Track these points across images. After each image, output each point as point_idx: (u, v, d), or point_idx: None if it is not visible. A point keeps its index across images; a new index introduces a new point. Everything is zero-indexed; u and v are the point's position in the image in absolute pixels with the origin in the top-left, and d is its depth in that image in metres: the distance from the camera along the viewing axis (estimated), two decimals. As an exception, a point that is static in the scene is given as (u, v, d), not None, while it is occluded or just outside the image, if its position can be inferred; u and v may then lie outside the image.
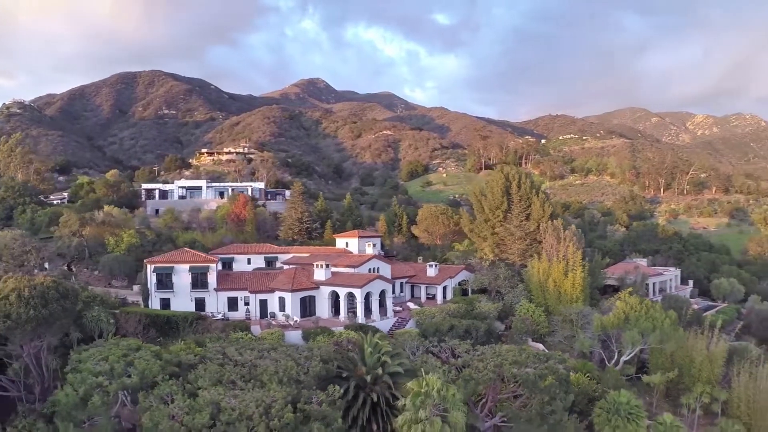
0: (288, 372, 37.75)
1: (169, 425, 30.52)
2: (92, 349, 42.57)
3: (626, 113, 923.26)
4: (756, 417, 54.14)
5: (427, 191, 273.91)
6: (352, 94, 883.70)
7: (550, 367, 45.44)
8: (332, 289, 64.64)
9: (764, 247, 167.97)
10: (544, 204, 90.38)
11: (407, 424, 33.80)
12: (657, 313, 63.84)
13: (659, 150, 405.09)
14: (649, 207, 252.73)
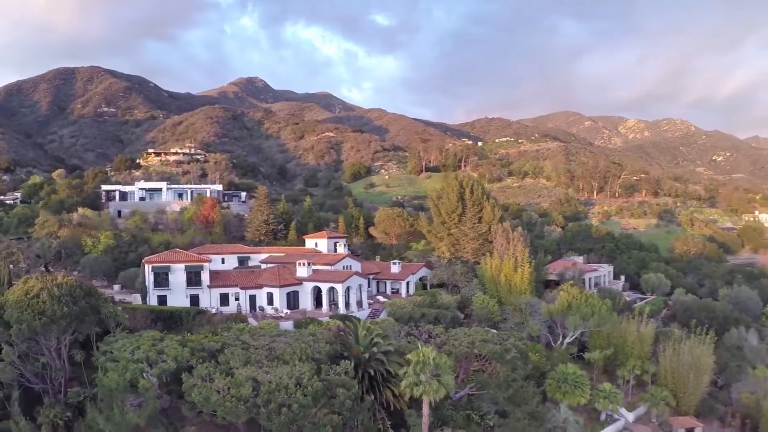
0: (304, 351, 45.70)
1: (221, 397, 37.92)
2: (122, 341, 48.66)
3: (561, 117, 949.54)
4: (679, 385, 65.74)
5: (371, 193, 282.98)
6: (291, 93, 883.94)
7: (511, 344, 55.14)
8: (315, 284, 72.62)
9: (689, 246, 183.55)
10: (494, 208, 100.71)
11: (410, 386, 42.46)
12: (595, 301, 74.49)
13: (593, 154, 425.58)
14: (583, 209, 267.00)
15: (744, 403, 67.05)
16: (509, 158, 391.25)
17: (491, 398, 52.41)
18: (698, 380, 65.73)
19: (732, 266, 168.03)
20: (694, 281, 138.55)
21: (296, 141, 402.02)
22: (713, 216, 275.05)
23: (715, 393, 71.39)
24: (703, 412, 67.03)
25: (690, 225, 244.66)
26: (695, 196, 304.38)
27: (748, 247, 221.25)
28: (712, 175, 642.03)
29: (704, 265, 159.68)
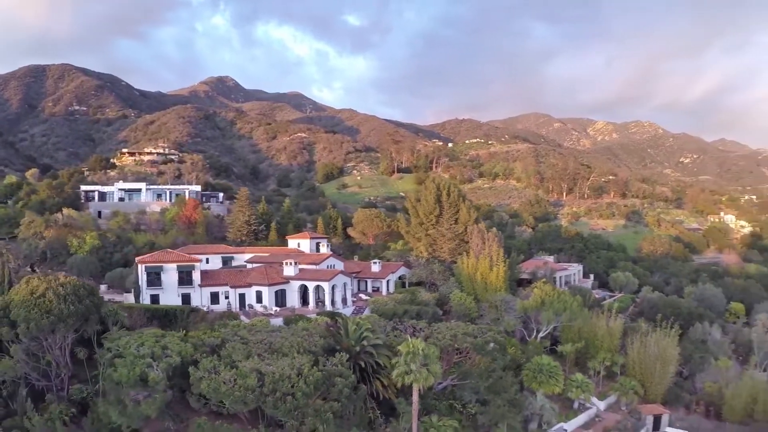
0: (301, 344, 48.80)
1: (229, 388, 40.82)
2: (126, 338, 51.05)
3: (530, 118, 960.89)
4: (646, 374, 70.38)
5: (343, 193, 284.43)
6: (261, 93, 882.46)
7: (491, 337, 58.95)
8: (302, 282, 75.67)
9: (656, 246, 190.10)
10: (470, 210, 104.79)
11: (401, 375, 45.82)
12: (567, 297, 78.95)
13: (562, 156, 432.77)
14: (552, 210, 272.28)
15: (707, 391, 72.21)
16: (480, 159, 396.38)
17: (472, 388, 56.03)
18: (664, 370, 70.46)
19: (697, 265, 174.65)
20: (660, 279, 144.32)
21: (269, 141, 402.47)
22: (679, 217, 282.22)
23: (680, 382, 76.52)
24: (669, 400, 71.91)
25: (657, 226, 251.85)
26: (662, 198, 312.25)
27: (713, 247, 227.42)
28: (679, 176, 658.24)
29: (670, 264, 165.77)
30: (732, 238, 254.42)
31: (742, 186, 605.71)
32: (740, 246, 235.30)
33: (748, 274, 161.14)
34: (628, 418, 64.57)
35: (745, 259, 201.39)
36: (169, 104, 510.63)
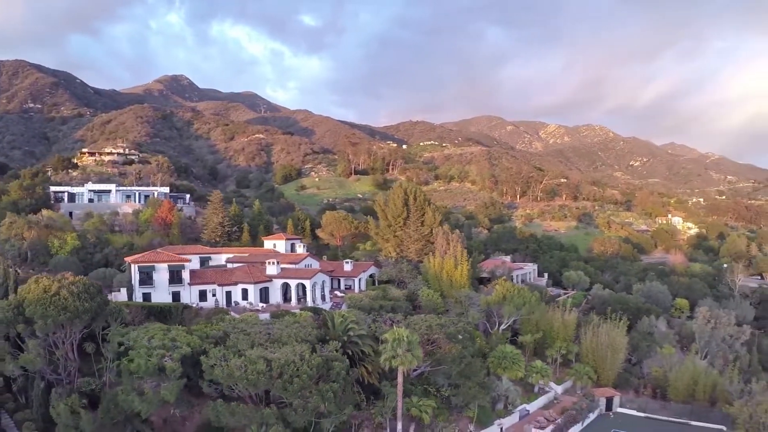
0: (298, 335, 54.65)
1: (242, 372, 46.34)
2: (135, 331, 55.68)
3: (483, 121, 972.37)
4: (598, 361, 78.84)
5: (302, 195, 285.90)
6: (215, 92, 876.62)
7: (461, 327, 65.89)
8: (284, 280, 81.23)
9: (606, 247, 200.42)
10: (435, 213, 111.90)
11: (389, 359, 52.22)
12: (526, 293, 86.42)
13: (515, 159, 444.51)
14: (507, 212, 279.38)
15: (654, 375, 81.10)
16: (435, 162, 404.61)
17: (445, 374, 62.85)
18: (614, 358, 78.89)
19: (645, 265, 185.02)
20: (610, 278, 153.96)
21: (226, 142, 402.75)
22: (629, 219, 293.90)
23: (629, 368, 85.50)
24: (619, 384, 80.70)
25: (607, 227, 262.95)
26: (612, 200, 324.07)
27: (661, 248, 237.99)
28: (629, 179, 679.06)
29: (620, 264, 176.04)
30: (679, 239, 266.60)
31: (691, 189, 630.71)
32: (686, 246, 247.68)
33: (692, 272, 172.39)
34: (583, 400, 72.28)
35: (691, 259, 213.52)
36: (124, 103, 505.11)
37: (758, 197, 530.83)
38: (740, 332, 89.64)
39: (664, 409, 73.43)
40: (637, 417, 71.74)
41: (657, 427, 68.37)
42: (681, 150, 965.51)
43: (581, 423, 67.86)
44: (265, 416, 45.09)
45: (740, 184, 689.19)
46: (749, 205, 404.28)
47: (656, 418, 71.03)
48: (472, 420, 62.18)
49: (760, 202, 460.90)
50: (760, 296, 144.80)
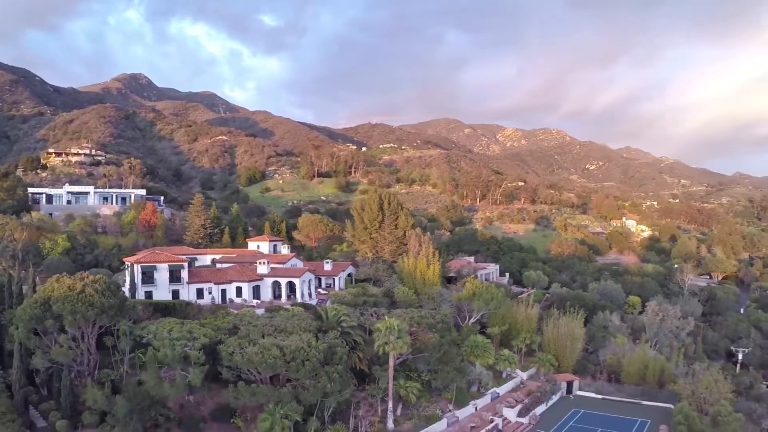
0: (300, 326, 61.85)
1: (261, 357, 53.19)
2: (154, 325, 61.44)
3: (441, 123, 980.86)
4: (559, 350, 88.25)
5: (267, 197, 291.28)
6: (174, 91, 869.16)
7: (439, 318, 74.06)
8: (275, 279, 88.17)
9: (563, 248, 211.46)
10: (408, 217, 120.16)
11: (382, 345, 59.93)
12: (493, 289, 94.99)
13: (473, 162, 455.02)
14: (467, 214, 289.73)
15: (609, 362, 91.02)
16: (395, 165, 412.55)
17: (425, 360, 70.60)
18: (573, 347, 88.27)
19: (600, 265, 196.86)
20: (567, 277, 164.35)
21: (190, 143, 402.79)
22: (585, 222, 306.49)
23: (586, 356, 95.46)
24: (578, 370, 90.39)
25: (564, 229, 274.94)
26: (569, 204, 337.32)
27: (615, 249, 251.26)
28: (585, 183, 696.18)
29: (576, 264, 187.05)
30: (632, 241, 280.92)
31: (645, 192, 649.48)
32: (639, 248, 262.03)
33: (645, 272, 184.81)
34: (546, 384, 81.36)
35: (644, 260, 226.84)
36: (83, 101, 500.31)
37: (711, 201, 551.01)
38: (686, 323, 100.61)
39: (619, 391, 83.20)
40: (595, 398, 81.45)
41: (612, 407, 78.00)
42: (636, 154, 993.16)
43: (545, 404, 76.89)
44: (281, 395, 52.23)
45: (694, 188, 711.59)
46: (702, 209, 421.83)
47: (612, 399, 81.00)
48: (450, 401, 70.43)
49: (712, 206, 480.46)
50: (708, 294, 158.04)
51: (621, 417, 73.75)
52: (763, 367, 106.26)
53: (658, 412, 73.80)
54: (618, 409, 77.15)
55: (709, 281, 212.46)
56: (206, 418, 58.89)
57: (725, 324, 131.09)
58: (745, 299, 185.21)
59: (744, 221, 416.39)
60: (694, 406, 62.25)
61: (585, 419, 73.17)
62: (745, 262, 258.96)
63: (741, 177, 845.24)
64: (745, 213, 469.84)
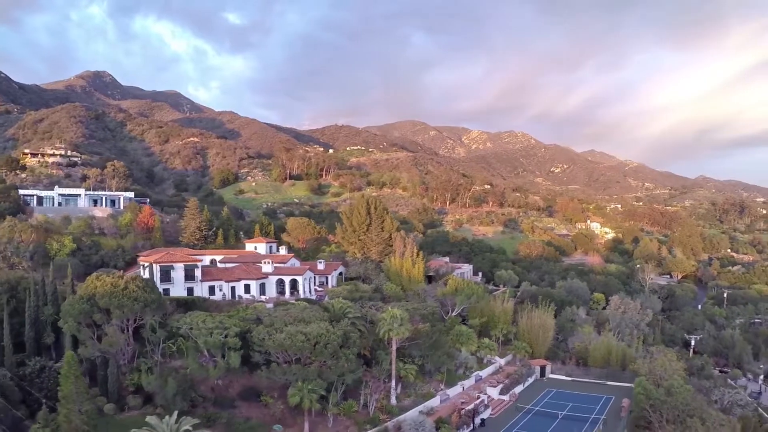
0: (315, 316, 71.26)
1: (290, 341, 62.36)
2: (188, 317, 70.02)
3: (406, 125, 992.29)
4: (533, 339, 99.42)
5: (241, 199, 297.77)
6: (138, 90, 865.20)
7: (431, 310, 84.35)
8: (279, 277, 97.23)
9: (531, 249, 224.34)
10: (393, 220, 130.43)
11: (387, 331, 69.76)
12: (473, 286, 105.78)
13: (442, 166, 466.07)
14: (438, 217, 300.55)
15: (577, 349, 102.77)
16: (364, 167, 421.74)
17: (417, 347, 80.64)
18: (545, 336, 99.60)
19: (566, 265, 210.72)
20: (536, 276, 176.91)
21: (161, 145, 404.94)
22: (551, 224, 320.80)
23: (557, 344, 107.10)
24: (550, 356, 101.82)
25: (531, 232, 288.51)
26: (535, 207, 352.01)
27: (580, 251, 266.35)
28: (550, 185, 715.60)
29: (544, 264, 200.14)
30: (597, 242, 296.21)
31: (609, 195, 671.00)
32: (603, 249, 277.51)
33: (608, 272, 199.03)
34: (522, 368, 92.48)
35: (608, 260, 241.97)
36: (48, 99, 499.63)
37: (674, 204, 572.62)
38: (645, 315, 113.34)
39: (586, 373, 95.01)
40: (565, 380, 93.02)
41: (581, 387, 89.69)
42: (601, 157, 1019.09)
43: (522, 384, 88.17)
44: (309, 373, 61.63)
45: (657, 191, 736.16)
46: (664, 212, 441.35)
47: (580, 381, 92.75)
48: (441, 381, 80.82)
49: (675, 209, 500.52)
50: (667, 292, 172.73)
51: (589, 394, 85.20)
52: (715, 355, 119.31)
53: (621, 390, 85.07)
54: (586, 388, 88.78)
55: (669, 280, 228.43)
56: (235, 398, 67.89)
57: (682, 318, 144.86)
58: (703, 297, 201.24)
59: (706, 224, 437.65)
60: (651, 381, 73.30)
61: (557, 397, 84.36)
62: (703, 263, 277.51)
63: (704, 180, 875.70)
64: (708, 216, 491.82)
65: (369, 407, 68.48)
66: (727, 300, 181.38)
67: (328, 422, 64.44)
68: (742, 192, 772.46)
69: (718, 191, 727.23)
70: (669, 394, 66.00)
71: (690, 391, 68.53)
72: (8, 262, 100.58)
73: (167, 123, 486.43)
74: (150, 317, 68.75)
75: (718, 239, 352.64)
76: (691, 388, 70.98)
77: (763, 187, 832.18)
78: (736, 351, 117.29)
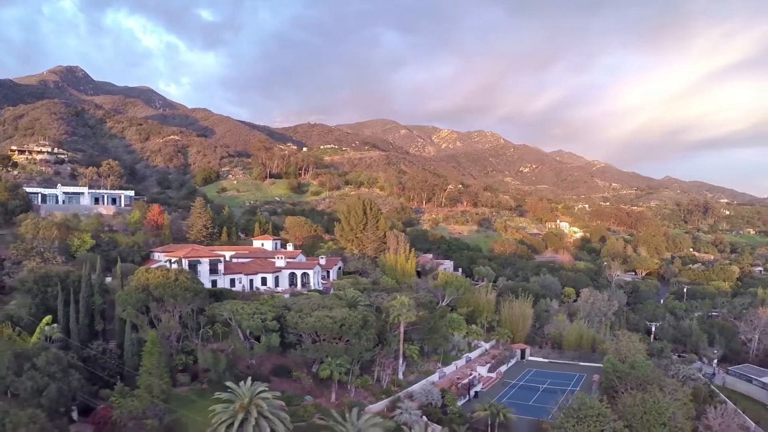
0: (335, 303, 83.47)
1: (321, 323, 74.36)
2: (228, 305, 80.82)
3: (377, 124, 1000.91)
4: (514, 326, 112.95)
5: (223, 197, 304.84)
6: (110, 85, 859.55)
7: (429, 299, 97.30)
8: (291, 271, 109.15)
9: (505, 247, 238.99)
10: (386, 220, 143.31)
11: (396, 316, 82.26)
12: (461, 279, 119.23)
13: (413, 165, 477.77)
14: (415, 216, 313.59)
15: (552, 334, 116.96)
16: (341, 167, 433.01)
17: (417, 331, 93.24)
18: (525, 323, 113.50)
19: (538, 262, 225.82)
20: (511, 272, 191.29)
21: (142, 142, 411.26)
22: (522, 224, 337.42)
23: (535, 330, 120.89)
24: (529, 341, 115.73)
25: (504, 231, 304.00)
26: (507, 207, 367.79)
27: (551, 249, 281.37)
28: (519, 185, 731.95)
29: (518, 261, 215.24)
30: (566, 241, 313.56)
31: (577, 195, 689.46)
32: (572, 248, 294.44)
33: (578, 268, 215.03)
34: (505, 351, 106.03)
35: (577, 258, 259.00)
36: (23, 94, 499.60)
37: (640, 204, 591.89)
38: (611, 305, 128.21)
39: (561, 356, 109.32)
40: (543, 361, 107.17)
41: (557, 367, 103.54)
42: (569, 158, 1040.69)
43: (506, 365, 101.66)
44: (337, 350, 73.98)
45: (624, 191, 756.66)
46: (630, 212, 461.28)
47: (556, 362, 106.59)
48: (438, 361, 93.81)
49: (640, 209, 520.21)
50: (632, 287, 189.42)
51: (564, 372, 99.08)
52: (674, 342, 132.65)
53: (592, 369, 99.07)
54: (561, 368, 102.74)
55: (634, 277, 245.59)
56: (269, 375, 79.61)
57: (645, 310, 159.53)
58: (665, 292, 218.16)
59: (671, 224, 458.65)
60: (618, 358, 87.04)
61: (537, 375, 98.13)
62: (666, 261, 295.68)
63: (670, 181, 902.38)
64: (672, 216, 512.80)
65: (382, 381, 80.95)
66: (687, 295, 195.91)
67: (350, 393, 76.56)
68: (707, 193, 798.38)
69: (684, 192, 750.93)
70: (632, 368, 79.77)
71: (650, 366, 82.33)
72: (43, 257, 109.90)
73: (147, 120, 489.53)
74: (195, 305, 79.80)
75: (681, 239, 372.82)
76: (651, 364, 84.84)
77: (728, 188, 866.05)
78: (693, 339, 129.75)
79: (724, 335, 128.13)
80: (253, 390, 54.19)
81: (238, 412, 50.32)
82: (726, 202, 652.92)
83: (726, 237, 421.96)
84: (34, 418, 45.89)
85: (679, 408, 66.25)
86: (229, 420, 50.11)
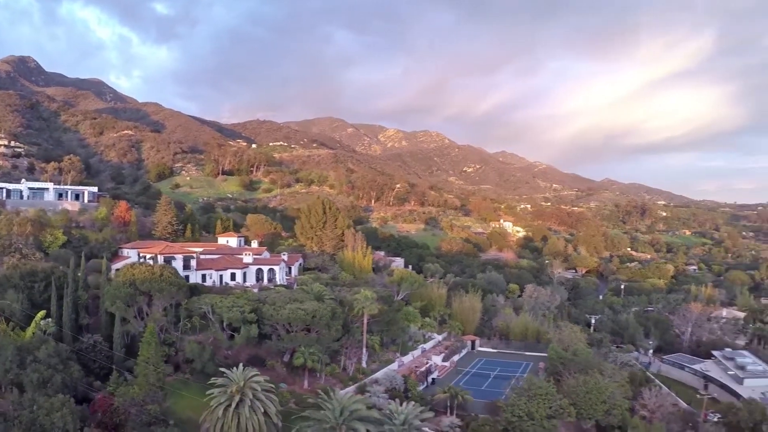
0: (304, 297, 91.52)
1: (295, 315, 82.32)
2: (206, 298, 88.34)
3: (325, 122, 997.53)
4: (465, 319, 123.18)
5: (177, 193, 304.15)
6: (61, 77, 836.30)
7: (387, 293, 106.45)
8: (258, 266, 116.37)
9: (452, 246, 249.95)
10: (344, 219, 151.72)
11: (360, 308, 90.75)
12: (415, 275, 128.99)
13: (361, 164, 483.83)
14: (364, 214, 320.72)
15: (500, 326, 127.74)
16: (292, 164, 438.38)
17: (377, 323, 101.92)
18: (474, 316, 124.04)
19: (484, 260, 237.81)
20: (458, 269, 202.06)
21: (96, 137, 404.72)
22: (468, 223, 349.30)
23: (484, 323, 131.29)
24: (478, 333, 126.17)
25: (450, 229, 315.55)
26: (452, 206, 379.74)
27: (495, 247, 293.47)
28: (463, 184, 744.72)
29: (464, 259, 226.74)
30: (509, 240, 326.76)
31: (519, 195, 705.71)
32: (516, 246, 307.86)
33: (521, 266, 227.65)
34: (456, 342, 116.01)
35: (520, 256, 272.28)
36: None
37: (580, 205, 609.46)
38: (554, 299, 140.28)
39: (508, 346, 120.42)
40: (492, 351, 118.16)
41: (505, 356, 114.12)
42: (512, 158, 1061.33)
43: (458, 355, 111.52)
44: (310, 340, 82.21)
45: (564, 192, 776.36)
46: (571, 212, 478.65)
47: (504, 351, 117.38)
48: (397, 351, 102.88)
49: (580, 209, 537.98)
50: (572, 284, 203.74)
51: (512, 361, 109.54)
52: (613, 335, 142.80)
53: (537, 358, 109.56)
54: (509, 357, 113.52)
55: (575, 274, 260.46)
56: (245, 365, 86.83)
57: (585, 305, 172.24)
58: (604, 289, 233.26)
59: (610, 224, 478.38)
60: (561, 347, 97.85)
61: (487, 364, 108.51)
62: (605, 260, 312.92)
63: (609, 183, 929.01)
64: (611, 217, 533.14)
65: (348, 369, 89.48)
66: (625, 291, 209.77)
67: (320, 380, 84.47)
68: (645, 195, 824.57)
69: (622, 193, 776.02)
70: (575, 355, 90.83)
71: (590, 353, 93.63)
72: (22, 253, 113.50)
73: (101, 115, 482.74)
74: (182, 299, 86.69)
75: (619, 239, 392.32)
76: (591, 351, 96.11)
77: (665, 191, 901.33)
78: (630, 331, 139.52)
79: (659, 328, 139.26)
80: (245, 375, 61.40)
81: (234, 395, 57.36)
82: (663, 204, 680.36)
83: (662, 237, 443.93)
84: (65, 403, 51.96)
85: (617, 388, 77.09)
86: (226, 402, 57.04)
